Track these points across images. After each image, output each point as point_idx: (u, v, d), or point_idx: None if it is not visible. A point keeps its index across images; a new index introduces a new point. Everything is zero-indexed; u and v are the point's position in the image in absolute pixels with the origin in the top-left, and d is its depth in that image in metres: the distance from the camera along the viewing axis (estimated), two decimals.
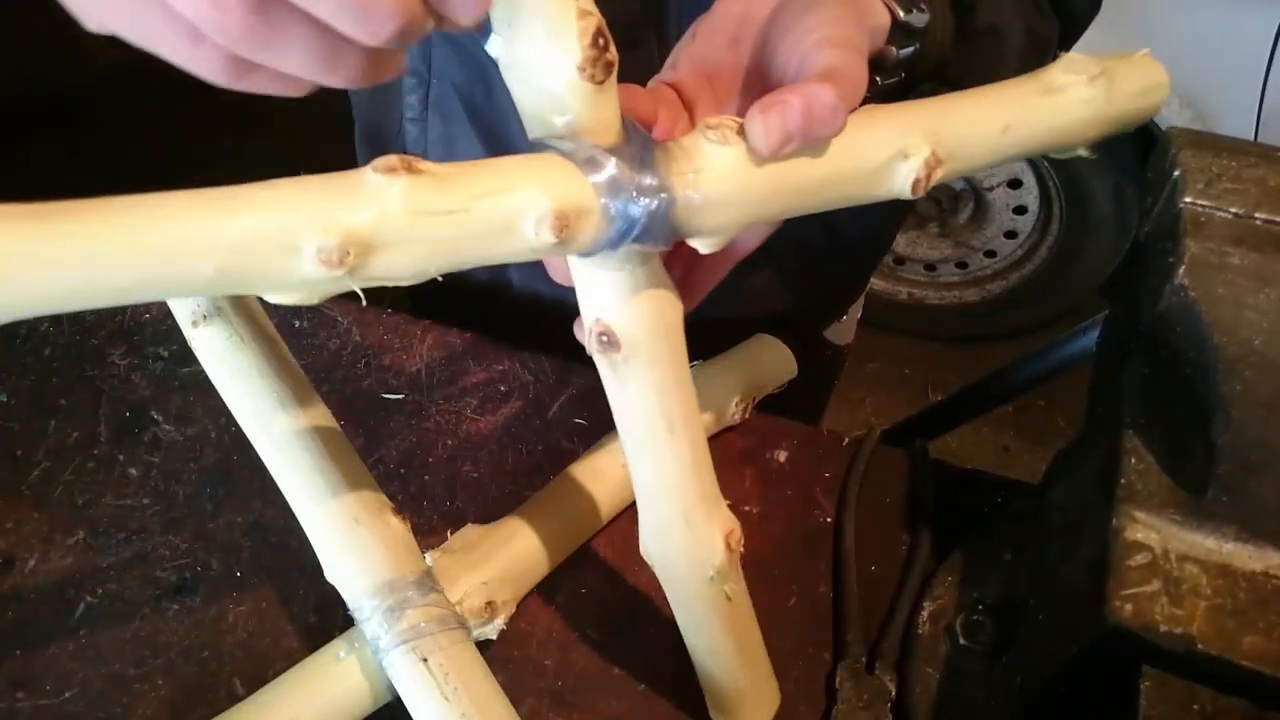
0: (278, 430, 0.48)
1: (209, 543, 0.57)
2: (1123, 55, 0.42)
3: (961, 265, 1.84)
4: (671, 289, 0.41)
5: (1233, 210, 0.40)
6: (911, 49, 0.44)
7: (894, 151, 0.37)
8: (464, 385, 0.66)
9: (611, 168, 0.34)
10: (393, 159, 0.33)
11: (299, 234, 0.32)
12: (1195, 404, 0.39)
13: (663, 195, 0.35)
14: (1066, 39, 0.59)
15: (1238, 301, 0.38)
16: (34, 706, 0.51)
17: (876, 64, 0.43)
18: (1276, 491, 0.38)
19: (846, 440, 0.64)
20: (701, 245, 0.38)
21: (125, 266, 0.32)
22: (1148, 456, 0.41)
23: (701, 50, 0.43)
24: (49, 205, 0.31)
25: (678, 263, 0.46)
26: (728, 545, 0.43)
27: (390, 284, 0.35)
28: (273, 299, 0.34)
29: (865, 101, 0.44)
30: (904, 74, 0.45)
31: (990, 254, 1.81)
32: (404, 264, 0.34)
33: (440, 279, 0.36)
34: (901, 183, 0.38)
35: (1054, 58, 0.56)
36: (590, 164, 0.34)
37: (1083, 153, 0.43)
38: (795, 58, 0.38)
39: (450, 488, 0.61)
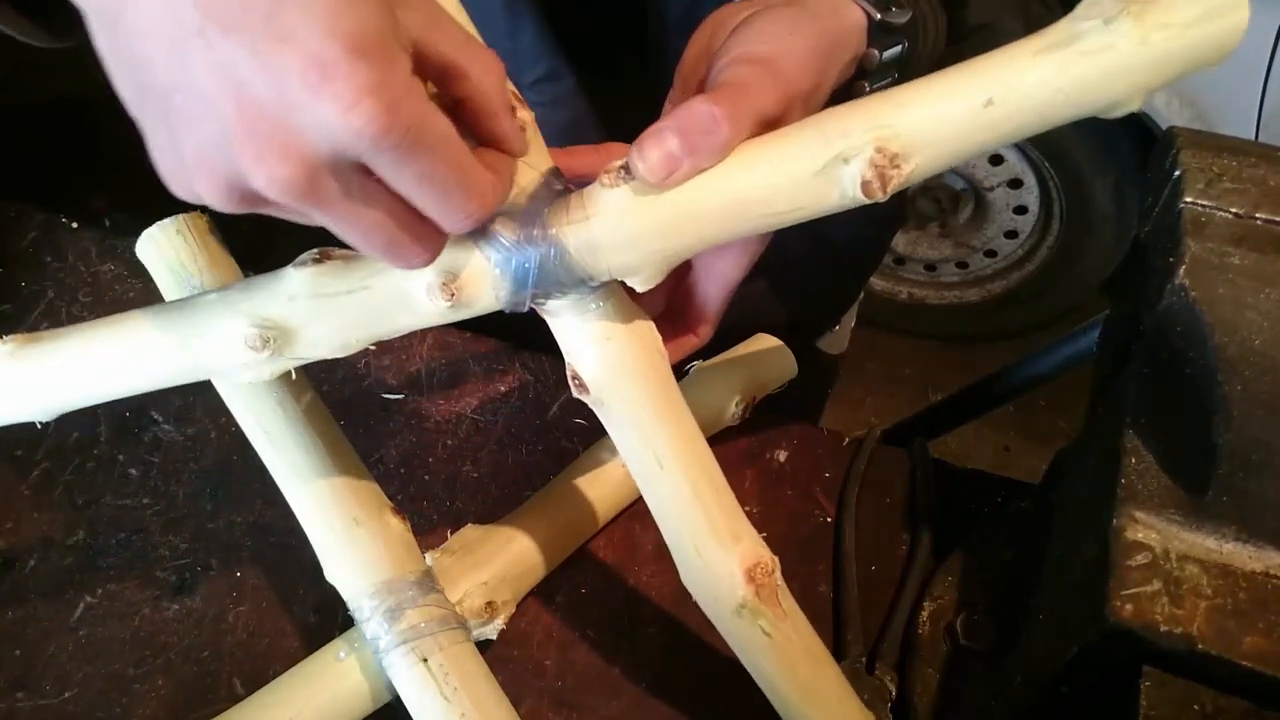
0: (277, 430, 0.48)
1: (209, 543, 0.57)
2: None
3: (962, 265, 1.84)
4: (645, 330, 0.41)
5: (1233, 210, 0.40)
6: (899, 48, 0.43)
7: (828, 157, 0.34)
8: (464, 385, 0.66)
9: (496, 232, 0.36)
10: (312, 252, 0.38)
11: (233, 327, 0.38)
12: (1195, 404, 0.39)
13: (553, 245, 0.36)
14: None
15: (1238, 301, 0.38)
16: (34, 706, 0.51)
17: (861, 69, 0.43)
18: (1276, 491, 0.38)
19: (846, 440, 0.64)
20: (633, 283, 0.38)
21: (104, 378, 0.41)
22: (1148, 456, 0.41)
23: (677, 95, 0.43)
24: (40, 338, 0.42)
25: (671, 298, 0.47)
26: (751, 577, 0.42)
27: (324, 358, 0.40)
28: (239, 381, 0.41)
29: None
30: (897, 74, 0.44)
31: (991, 254, 1.81)
32: (323, 341, 0.39)
33: None
34: (851, 189, 0.34)
35: None
36: (478, 232, 0.36)
37: (1134, 108, 0.35)
38: (710, 83, 0.38)
39: (450, 488, 0.61)
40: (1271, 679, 0.35)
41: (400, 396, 0.65)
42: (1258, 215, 0.40)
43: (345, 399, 0.64)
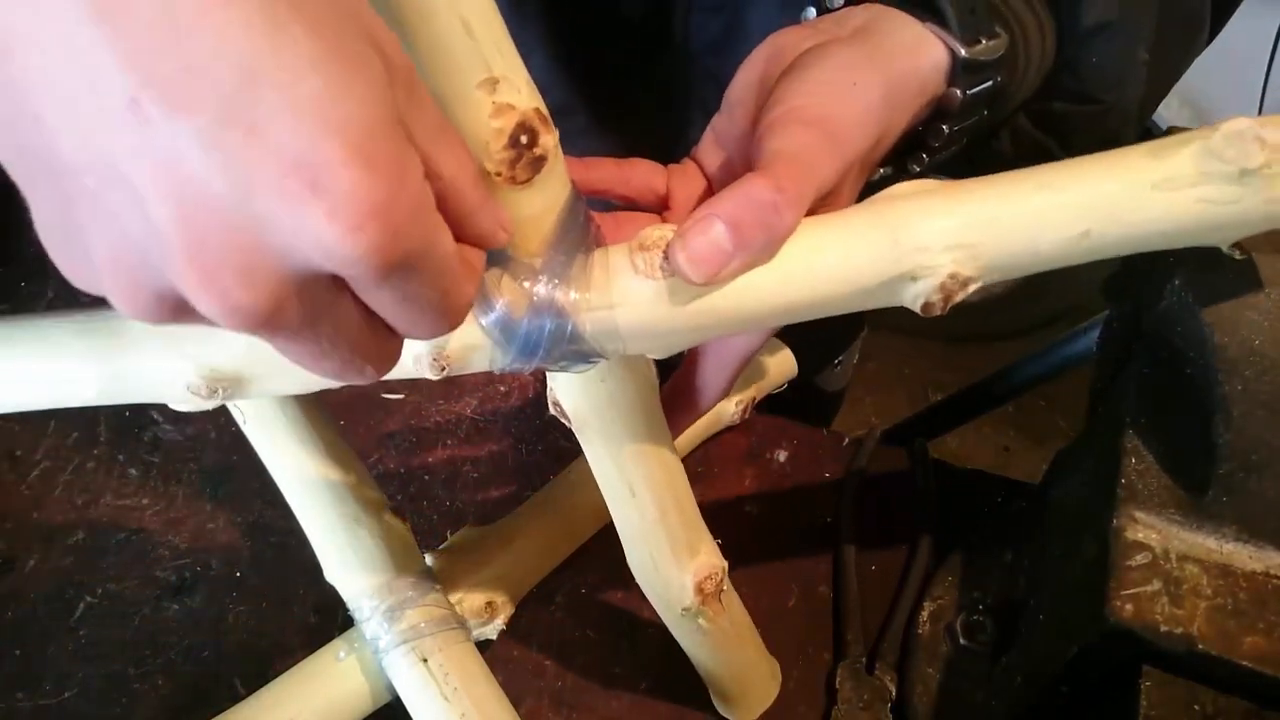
0: (278, 430, 0.48)
1: (209, 543, 0.57)
2: None
3: None
4: (639, 369, 0.38)
5: None
6: (988, 84, 0.37)
7: (896, 273, 0.30)
8: (464, 385, 0.66)
9: (500, 307, 0.31)
10: None
11: (175, 371, 0.34)
12: (1195, 404, 0.39)
13: (568, 323, 0.31)
14: (1229, 2, 0.48)
15: (1238, 301, 0.38)
16: (34, 706, 0.51)
17: (939, 111, 0.37)
18: (1276, 491, 0.38)
19: (846, 440, 0.64)
20: (648, 354, 0.35)
21: (13, 389, 0.35)
22: (1148, 456, 0.41)
23: (722, 122, 0.39)
24: None
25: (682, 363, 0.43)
26: (700, 589, 0.43)
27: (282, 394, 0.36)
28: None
29: (932, 153, 0.39)
30: (987, 110, 0.38)
31: None
32: (284, 387, 0.36)
33: None
34: (909, 301, 0.31)
35: (1206, 41, 0.46)
36: (481, 303, 0.31)
37: (1225, 250, 0.32)
38: (757, 138, 0.33)
39: (450, 488, 0.61)
40: (1271, 679, 0.35)
41: (400, 396, 0.65)
42: None
43: (345, 399, 0.64)
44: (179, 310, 0.22)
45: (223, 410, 0.50)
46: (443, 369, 0.33)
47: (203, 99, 0.19)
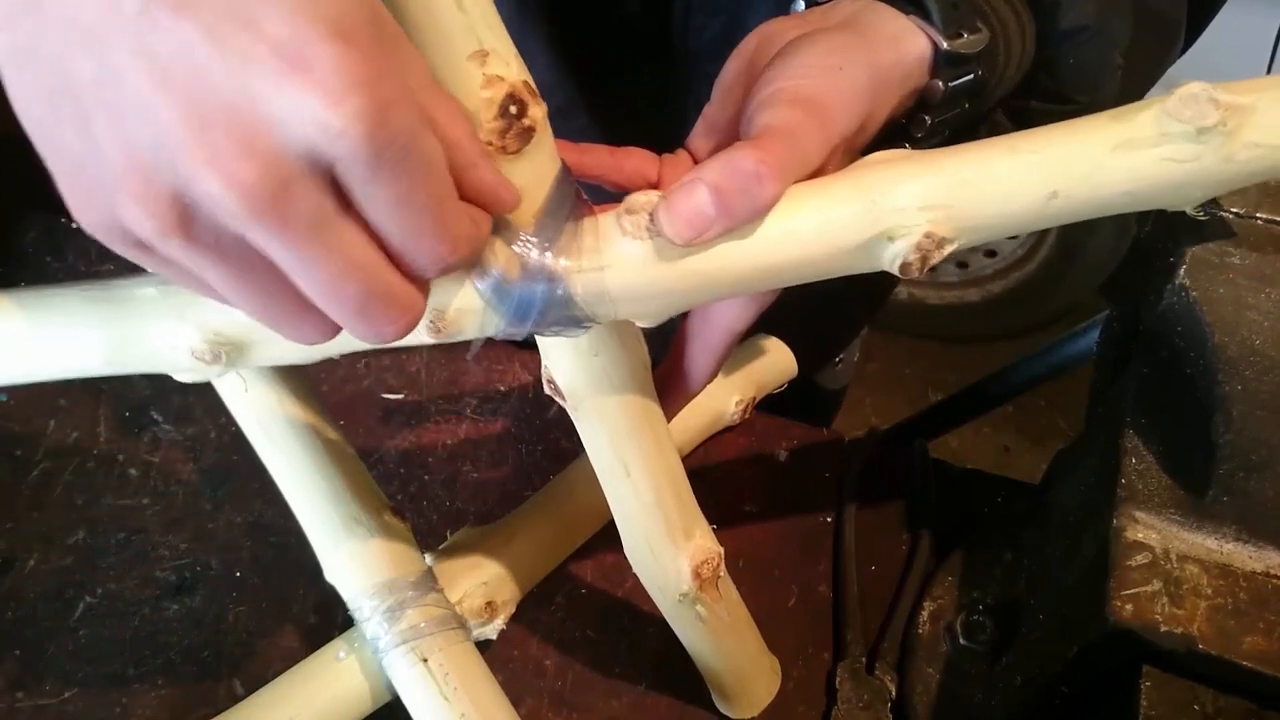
0: (277, 430, 0.48)
1: (209, 543, 0.57)
2: (1268, 82, 0.31)
3: (961, 265, 1.85)
4: (631, 347, 0.39)
5: (1233, 210, 0.40)
6: (969, 77, 0.38)
7: (874, 233, 0.31)
8: (464, 385, 0.66)
9: (494, 271, 0.32)
10: None
11: (179, 335, 0.35)
12: (1195, 404, 0.39)
13: (560, 286, 0.32)
14: (1205, 11, 0.49)
15: (1238, 301, 0.38)
16: (34, 706, 0.51)
17: (921, 102, 0.38)
18: (1276, 491, 0.38)
19: (846, 440, 0.64)
20: (638, 322, 0.36)
21: (18, 358, 0.36)
22: (1148, 456, 0.41)
23: (713, 110, 0.40)
24: None
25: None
26: (697, 574, 0.43)
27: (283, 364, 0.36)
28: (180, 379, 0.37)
29: (915, 143, 0.39)
30: (968, 104, 0.39)
31: (990, 254, 1.82)
32: (285, 355, 0.36)
33: None
34: (888, 264, 0.32)
35: (1183, 47, 0.47)
36: (476, 268, 0.32)
37: (1190, 212, 0.33)
38: (747, 116, 0.34)
39: (450, 488, 0.61)
40: (1271, 679, 0.35)
41: (400, 396, 0.65)
42: (1258, 215, 0.40)
43: (345, 399, 0.64)
44: (186, 219, 0.24)
45: (223, 410, 0.50)
46: (439, 331, 0.34)
47: (205, 1, 0.22)
